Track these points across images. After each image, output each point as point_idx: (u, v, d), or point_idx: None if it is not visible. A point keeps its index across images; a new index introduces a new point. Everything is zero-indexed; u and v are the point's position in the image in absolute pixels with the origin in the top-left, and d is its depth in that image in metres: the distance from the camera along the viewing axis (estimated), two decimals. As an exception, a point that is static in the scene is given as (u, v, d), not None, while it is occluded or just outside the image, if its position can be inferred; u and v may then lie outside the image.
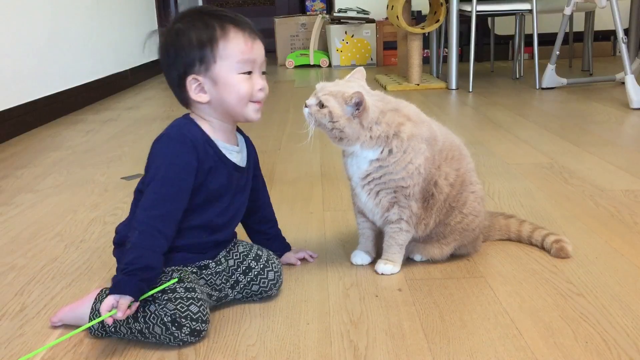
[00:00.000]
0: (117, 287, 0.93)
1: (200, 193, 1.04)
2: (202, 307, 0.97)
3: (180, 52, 1.02)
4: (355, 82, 1.16)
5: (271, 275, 1.11)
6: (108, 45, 3.86)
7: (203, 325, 0.96)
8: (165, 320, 0.94)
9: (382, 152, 1.13)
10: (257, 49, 1.06)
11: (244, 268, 1.10)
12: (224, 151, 1.07)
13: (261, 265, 1.10)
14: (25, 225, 1.56)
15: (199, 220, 1.05)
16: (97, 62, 3.62)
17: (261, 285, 1.10)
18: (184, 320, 0.94)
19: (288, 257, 1.26)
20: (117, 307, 0.91)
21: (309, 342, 0.98)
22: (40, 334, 1.03)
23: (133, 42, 4.39)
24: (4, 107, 2.54)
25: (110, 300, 0.91)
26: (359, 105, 1.09)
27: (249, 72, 1.05)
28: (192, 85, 1.03)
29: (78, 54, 3.37)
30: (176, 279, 0.99)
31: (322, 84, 1.15)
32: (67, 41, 3.25)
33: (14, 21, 2.69)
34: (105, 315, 0.91)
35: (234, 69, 1.03)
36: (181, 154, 1.01)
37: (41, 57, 2.92)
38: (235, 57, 1.02)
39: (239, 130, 1.15)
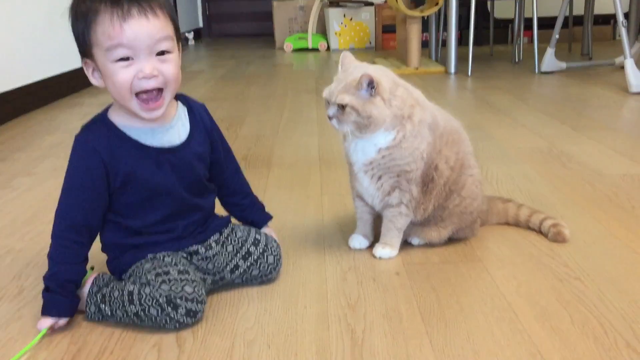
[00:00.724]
0: (45, 307, 0.97)
1: (132, 192, 1.01)
2: (197, 287, 0.97)
3: (73, 28, 0.95)
4: (351, 66, 1.15)
5: (271, 259, 1.11)
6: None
7: (198, 305, 0.97)
8: (161, 301, 0.94)
9: (394, 139, 1.12)
10: (132, 31, 0.90)
11: (243, 253, 1.10)
12: (141, 138, 1.00)
13: (260, 250, 1.10)
14: (22, 208, 1.55)
15: (152, 217, 1.03)
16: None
17: (261, 269, 1.10)
18: (179, 300, 0.95)
19: (270, 230, 1.22)
20: (51, 326, 0.97)
21: (306, 325, 0.98)
22: (38, 317, 1.03)
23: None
24: (0, 91, 2.53)
25: (43, 322, 0.96)
26: (371, 83, 1.08)
27: (129, 58, 0.92)
28: (87, 68, 0.98)
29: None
30: (91, 269, 1.06)
31: (328, 90, 1.13)
32: (65, 23, 3.22)
33: (10, 4, 2.66)
34: (39, 336, 0.95)
35: (106, 56, 0.92)
36: (82, 160, 0.98)
37: (38, 40, 2.90)
38: (104, 44, 0.91)
39: (181, 97, 1.07)
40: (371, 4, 5.04)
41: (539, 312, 0.99)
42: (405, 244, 1.25)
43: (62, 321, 0.98)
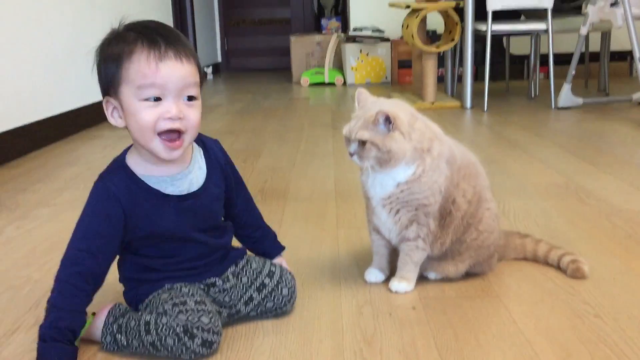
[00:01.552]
0: (41, 356, 0.92)
1: (154, 243, 1.03)
2: (213, 318, 0.97)
3: (99, 69, 0.97)
4: (368, 102, 1.16)
5: (285, 291, 1.10)
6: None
7: (215, 336, 0.96)
8: (178, 330, 0.94)
9: (414, 173, 1.12)
10: (167, 71, 0.92)
11: (257, 285, 1.10)
12: (161, 187, 1.00)
13: (275, 282, 1.10)
14: (41, 239, 1.57)
15: (174, 261, 1.04)
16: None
17: (275, 301, 1.10)
18: (195, 330, 0.94)
19: (281, 260, 1.22)
20: None
21: (322, 359, 0.97)
22: (54, 348, 1.03)
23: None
24: (22, 123, 2.58)
25: None
26: (387, 119, 1.09)
27: (158, 99, 0.93)
28: (107, 107, 0.98)
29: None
30: (92, 315, 1.03)
31: (348, 128, 1.14)
32: (85, 57, 3.29)
33: (32, 37, 2.73)
34: None
35: (135, 94, 0.93)
36: (102, 206, 0.97)
37: (59, 73, 2.96)
38: (136, 81, 0.92)
39: (198, 138, 1.06)
40: (387, 39, 5.09)
41: (558, 350, 0.97)
42: (422, 278, 1.24)
43: None
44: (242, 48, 7.05)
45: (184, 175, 1.02)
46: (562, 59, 4.02)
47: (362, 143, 1.11)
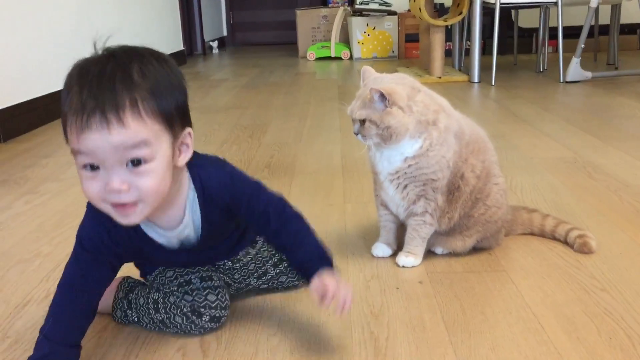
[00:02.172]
0: None
1: (152, 263, 1.02)
2: (220, 294, 0.98)
3: None
4: (369, 80, 1.16)
5: None
6: (132, 37, 3.89)
7: (222, 311, 0.97)
8: (185, 310, 0.96)
9: (421, 147, 1.12)
10: (89, 142, 0.75)
11: (275, 260, 1.10)
12: (155, 236, 0.93)
13: None
14: (50, 213, 1.58)
15: (177, 267, 1.02)
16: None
17: (289, 276, 1.10)
18: (203, 309, 0.96)
19: (316, 287, 0.90)
20: None
21: (329, 333, 0.98)
22: (65, 320, 1.05)
23: (156, 34, 4.42)
24: (29, 97, 2.58)
25: None
26: (382, 96, 1.08)
27: (95, 167, 0.77)
28: None
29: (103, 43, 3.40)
30: None
31: (350, 107, 1.15)
32: (92, 33, 3.27)
33: (39, 13, 2.72)
34: None
35: (75, 160, 0.79)
36: (90, 229, 0.90)
37: (66, 49, 2.95)
38: (69, 144, 0.78)
39: (194, 172, 0.91)
40: (394, 13, 5.04)
41: (565, 324, 0.98)
42: (429, 253, 1.24)
43: None
44: (247, 22, 7.00)
45: (175, 233, 0.93)
46: (571, 32, 3.97)
47: (362, 122, 1.11)
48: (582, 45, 3.23)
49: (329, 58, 5.17)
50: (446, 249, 1.24)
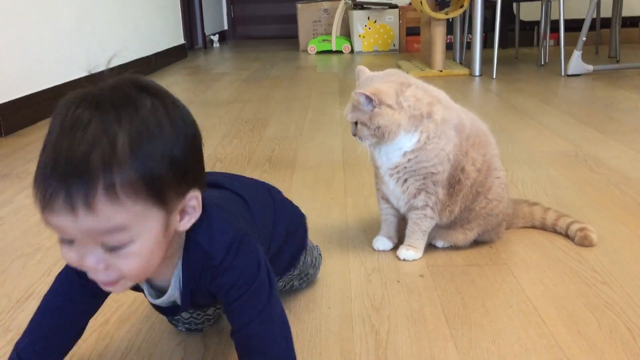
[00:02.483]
0: None
1: None
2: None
3: None
4: (362, 80, 1.18)
5: (312, 271, 1.09)
6: (132, 30, 3.89)
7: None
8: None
9: (419, 141, 1.12)
10: (54, 221, 0.63)
11: (302, 275, 1.07)
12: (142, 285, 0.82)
13: (314, 271, 1.10)
14: (51, 207, 1.58)
15: None
16: (121, 47, 3.64)
17: (301, 282, 1.08)
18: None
19: None
20: None
21: (330, 326, 0.98)
22: (67, 314, 1.05)
23: (157, 28, 4.41)
24: (29, 92, 2.58)
25: None
26: (367, 97, 1.09)
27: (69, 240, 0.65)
28: None
29: (102, 39, 3.40)
30: None
31: (345, 109, 1.18)
32: (91, 26, 3.27)
33: (39, 7, 2.71)
34: None
35: None
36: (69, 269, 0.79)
37: (65, 42, 2.95)
38: None
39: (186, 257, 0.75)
40: (395, 6, 5.03)
41: (565, 317, 0.98)
42: (429, 247, 1.24)
43: None
44: (248, 15, 6.99)
45: (159, 301, 0.80)
46: (573, 25, 3.96)
47: (355, 124, 1.14)
48: (584, 38, 3.22)
49: (330, 52, 5.16)
50: (447, 242, 1.24)
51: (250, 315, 0.75)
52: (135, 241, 0.64)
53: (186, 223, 0.70)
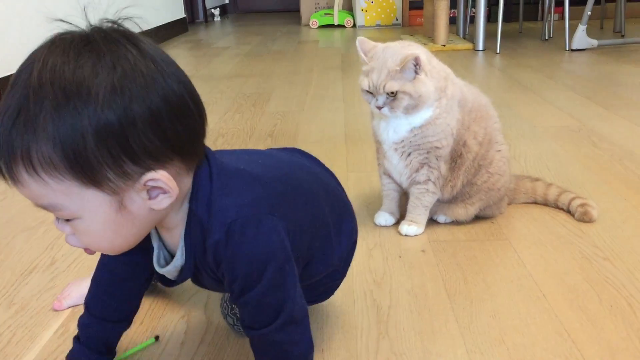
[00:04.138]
0: (70, 354, 0.82)
1: None
2: None
3: None
4: (378, 51, 1.12)
5: None
6: (132, 3, 3.84)
7: None
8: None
9: (431, 116, 1.10)
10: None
11: None
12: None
13: None
14: (53, 182, 1.58)
15: None
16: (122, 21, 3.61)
17: None
18: None
19: None
20: None
21: (332, 300, 0.99)
22: (70, 288, 1.06)
23: (157, 1, 4.37)
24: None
25: None
26: (417, 62, 1.06)
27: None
28: None
29: (102, 12, 3.37)
30: (153, 340, 0.90)
31: (370, 82, 1.10)
32: (90, 3, 3.24)
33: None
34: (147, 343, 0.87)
35: None
36: None
37: (65, 15, 2.92)
38: None
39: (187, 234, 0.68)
40: (398, -21, 4.97)
41: (566, 292, 0.98)
42: (431, 222, 1.24)
43: None
44: (249, -11, 6.91)
45: (168, 265, 0.73)
46: (578, -1, 3.91)
47: (392, 94, 1.08)
48: (589, 13, 3.19)
49: (332, 26, 5.12)
50: (449, 218, 1.24)
51: (265, 316, 0.68)
52: (81, 217, 0.61)
53: (159, 202, 0.62)
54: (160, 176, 0.60)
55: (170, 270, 0.72)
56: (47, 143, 0.55)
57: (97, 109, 0.54)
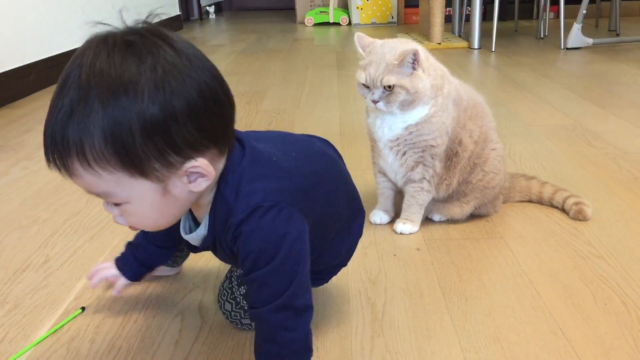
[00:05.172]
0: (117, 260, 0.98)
1: None
2: None
3: None
4: (376, 46, 1.11)
5: None
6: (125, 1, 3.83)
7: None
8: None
9: (427, 114, 1.10)
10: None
11: None
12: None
13: None
14: (48, 179, 1.57)
15: None
16: (116, 18, 3.59)
17: None
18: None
19: None
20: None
21: (327, 299, 0.99)
22: (64, 285, 1.05)
23: (151, -3, 4.35)
24: (25, 62, 2.55)
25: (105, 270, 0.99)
26: (415, 57, 1.06)
27: None
28: None
29: (99, 7, 3.36)
30: (80, 310, 0.96)
31: (367, 76, 1.09)
32: (86, -4, 3.23)
33: (32, -25, 2.67)
34: (74, 314, 0.95)
35: None
36: None
37: (62, 12, 2.91)
38: None
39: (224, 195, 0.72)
40: (394, -23, 4.96)
41: (561, 290, 0.99)
42: (426, 220, 1.24)
43: (121, 281, 0.98)
44: (245, -14, 6.89)
45: (190, 236, 0.80)
46: (573, -2, 3.92)
47: (389, 88, 1.08)
48: (584, 11, 3.19)
49: (327, 24, 5.11)
50: (444, 216, 1.24)
51: (265, 296, 0.71)
52: (130, 202, 0.68)
53: (198, 185, 0.68)
54: (199, 163, 0.66)
55: (193, 237, 0.79)
56: (99, 138, 0.61)
57: (142, 106, 0.60)
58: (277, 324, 0.73)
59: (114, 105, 0.60)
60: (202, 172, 0.67)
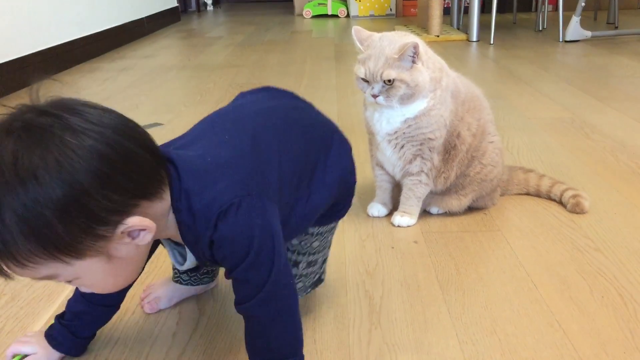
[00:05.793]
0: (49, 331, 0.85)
1: None
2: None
3: None
4: (375, 40, 1.11)
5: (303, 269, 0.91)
6: (124, -8, 3.82)
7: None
8: None
9: (425, 107, 1.10)
10: None
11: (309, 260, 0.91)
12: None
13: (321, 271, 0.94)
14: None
15: None
16: (113, 10, 3.58)
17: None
18: None
19: None
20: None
21: (325, 291, 0.99)
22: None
23: (149, -11, 4.33)
24: (20, 55, 2.54)
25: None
26: (415, 50, 1.06)
27: None
28: None
29: (94, 0, 3.34)
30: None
31: (366, 70, 1.09)
32: (83, -12, 3.21)
33: (29, -34, 2.65)
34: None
35: None
36: None
37: (57, 4, 2.89)
38: None
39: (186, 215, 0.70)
40: (392, -31, 4.94)
41: (558, 282, 0.99)
42: (424, 213, 1.24)
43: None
44: (242, -22, 6.86)
45: (186, 262, 0.79)
46: (572, -9, 3.90)
47: (389, 82, 1.08)
48: (583, 4, 3.19)
49: (325, 16, 5.09)
50: (442, 209, 1.24)
51: (248, 291, 0.71)
52: (79, 277, 0.66)
53: (143, 239, 0.66)
54: (131, 223, 0.63)
55: (189, 266, 0.79)
56: (20, 238, 0.58)
57: (48, 192, 0.57)
58: (266, 318, 0.73)
59: (19, 201, 0.57)
60: (137, 229, 0.64)
